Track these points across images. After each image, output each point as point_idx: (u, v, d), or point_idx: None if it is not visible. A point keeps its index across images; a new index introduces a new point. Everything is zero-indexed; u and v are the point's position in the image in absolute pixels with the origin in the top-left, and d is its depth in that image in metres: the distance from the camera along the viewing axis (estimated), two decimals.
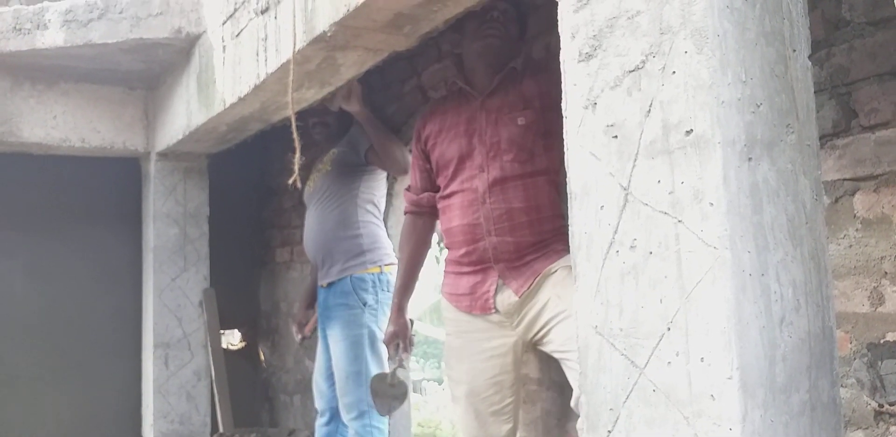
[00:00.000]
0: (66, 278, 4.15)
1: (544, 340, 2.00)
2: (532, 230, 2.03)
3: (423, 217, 2.33)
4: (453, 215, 2.11)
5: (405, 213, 2.37)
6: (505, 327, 2.06)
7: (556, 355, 1.98)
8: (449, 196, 2.14)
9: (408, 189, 2.36)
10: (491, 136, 2.06)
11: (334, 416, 3.07)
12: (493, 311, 2.05)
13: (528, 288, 2.01)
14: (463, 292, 2.11)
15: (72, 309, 4.13)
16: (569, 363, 1.90)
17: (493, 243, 2.03)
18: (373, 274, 2.92)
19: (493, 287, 2.05)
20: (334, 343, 2.93)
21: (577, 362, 1.83)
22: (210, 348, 3.93)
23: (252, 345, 4.58)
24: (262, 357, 4.55)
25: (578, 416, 1.87)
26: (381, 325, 2.92)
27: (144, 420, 3.95)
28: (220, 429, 3.84)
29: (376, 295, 2.91)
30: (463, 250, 2.09)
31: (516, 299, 2.02)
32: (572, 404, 1.90)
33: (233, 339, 4.54)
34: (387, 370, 2.94)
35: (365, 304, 2.88)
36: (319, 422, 3.13)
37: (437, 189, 2.23)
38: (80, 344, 4.12)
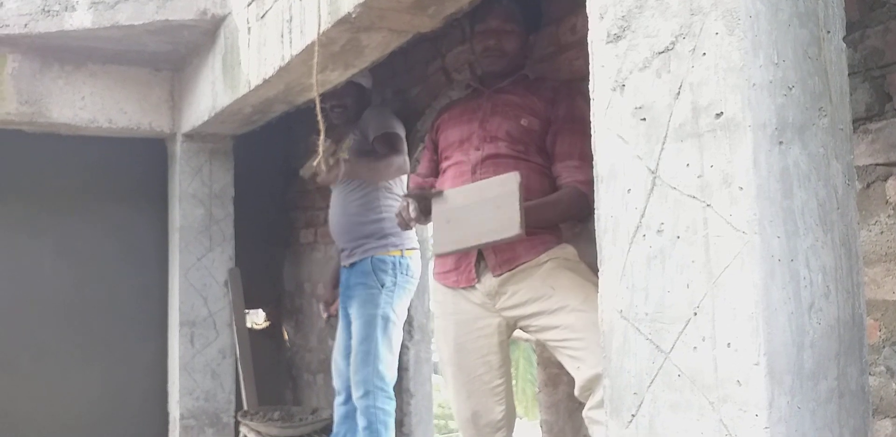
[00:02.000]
0: (94, 258, 4.21)
1: (534, 328, 2.02)
2: None
3: None
4: (442, 182, 2.20)
5: None
6: (487, 308, 2.09)
7: (550, 344, 2.00)
8: (444, 171, 2.24)
9: (416, 173, 2.46)
10: (492, 124, 2.15)
11: (351, 395, 3.11)
12: (476, 281, 2.08)
13: (510, 271, 2.02)
14: (449, 268, 2.15)
15: (99, 288, 4.20)
16: (565, 351, 1.92)
17: None
18: (394, 257, 2.96)
19: (474, 259, 2.08)
20: (353, 321, 2.97)
21: (580, 350, 1.85)
22: (235, 327, 3.98)
23: (276, 324, 4.63)
24: (286, 336, 4.60)
25: (586, 403, 1.88)
26: (397, 308, 2.96)
27: (170, 397, 4.02)
28: (245, 406, 3.90)
29: (395, 278, 2.94)
30: None
31: (495, 279, 2.04)
32: (577, 393, 1.90)
33: (257, 318, 4.59)
34: (395, 351, 2.97)
35: (383, 285, 2.92)
36: (337, 401, 3.18)
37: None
38: (108, 322, 4.19)
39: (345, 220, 3.06)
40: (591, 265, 1.90)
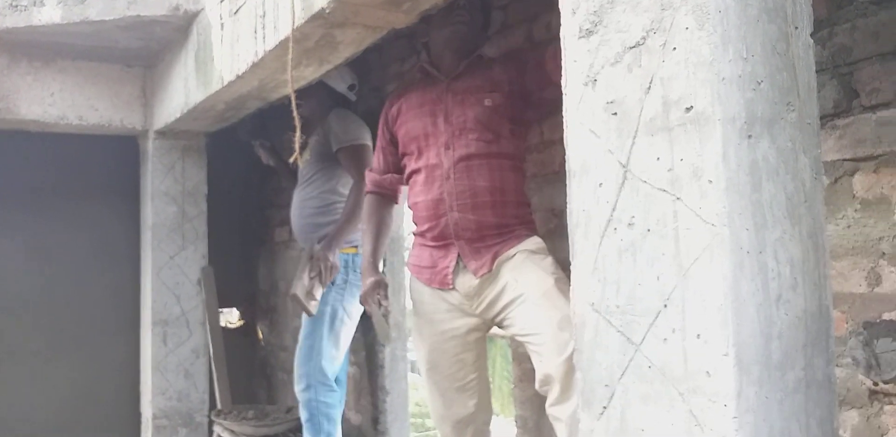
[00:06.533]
0: (66, 256, 4.15)
1: (505, 323, 2.03)
2: (495, 212, 2.05)
3: (384, 198, 2.38)
4: (418, 191, 2.15)
5: (367, 193, 2.41)
6: (465, 310, 2.08)
7: (518, 339, 2.02)
8: (415, 173, 2.18)
9: (370, 170, 2.40)
10: (457, 116, 2.11)
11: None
12: (451, 287, 2.07)
13: (489, 271, 2.02)
14: (425, 264, 2.15)
15: (71, 286, 4.15)
16: (529, 346, 1.93)
17: (455, 218, 2.06)
18: (347, 254, 2.98)
19: (453, 264, 2.07)
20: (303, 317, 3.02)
21: (539, 345, 1.87)
22: (208, 326, 3.94)
23: (250, 323, 4.60)
24: (261, 335, 4.57)
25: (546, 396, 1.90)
26: (347, 304, 2.98)
27: (143, 397, 3.98)
28: (218, 406, 3.87)
29: (346, 275, 2.97)
30: (426, 225, 2.12)
31: (476, 281, 2.04)
32: (536, 387, 1.91)
33: (231, 317, 4.55)
34: (342, 347, 2.99)
35: (333, 283, 2.93)
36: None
37: (399, 171, 2.29)
38: (80, 321, 4.14)
39: (301, 221, 3.11)
40: (564, 260, 1.91)
